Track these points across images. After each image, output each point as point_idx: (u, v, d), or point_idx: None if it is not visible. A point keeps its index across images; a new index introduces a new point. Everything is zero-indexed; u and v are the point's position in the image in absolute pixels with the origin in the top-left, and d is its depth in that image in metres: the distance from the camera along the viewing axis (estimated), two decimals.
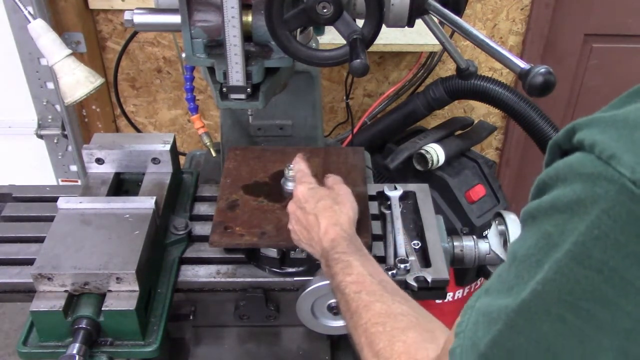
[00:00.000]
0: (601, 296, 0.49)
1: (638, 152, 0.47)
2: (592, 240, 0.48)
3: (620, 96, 0.57)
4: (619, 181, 0.47)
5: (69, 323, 0.95)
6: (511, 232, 1.11)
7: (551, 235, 0.52)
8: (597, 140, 0.50)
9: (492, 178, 2.04)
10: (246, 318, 1.14)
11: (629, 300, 0.48)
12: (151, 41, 2.24)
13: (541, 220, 0.54)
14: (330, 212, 0.99)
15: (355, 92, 2.40)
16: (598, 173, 0.48)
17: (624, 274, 0.47)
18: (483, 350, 0.55)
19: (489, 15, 2.24)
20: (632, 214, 0.46)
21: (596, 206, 0.48)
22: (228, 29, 0.90)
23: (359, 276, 0.86)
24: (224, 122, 1.36)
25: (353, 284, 0.85)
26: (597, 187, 0.48)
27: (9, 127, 2.37)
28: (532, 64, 0.75)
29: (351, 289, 0.84)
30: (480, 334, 0.56)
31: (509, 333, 0.53)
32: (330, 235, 0.95)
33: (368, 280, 0.85)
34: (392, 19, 0.91)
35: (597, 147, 0.49)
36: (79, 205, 1.08)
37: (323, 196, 1.02)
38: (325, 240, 0.95)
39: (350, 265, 0.88)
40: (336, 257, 0.91)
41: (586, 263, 0.49)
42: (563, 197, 0.52)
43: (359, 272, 0.86)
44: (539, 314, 0.52)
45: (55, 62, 1.14)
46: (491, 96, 2.00)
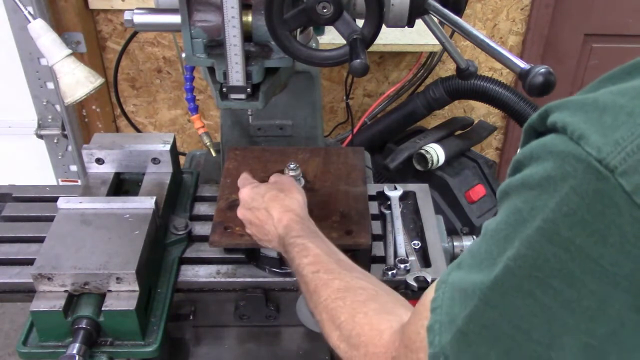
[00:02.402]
0: (568, 274, 0.49)
1: (605, 133, 0.48)
2: (560, 217, 0.49)
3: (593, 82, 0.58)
4: (586, 160, 0.48)
5: (69, 323, 0.95)
6: None
7: (521, 211, 0.53)
8: (567, 121, 0.51)
9: (492, 178, 2.04)
10: (246, 318, 1.14)
11: (593, 279, 0.48)
12: (151, 41, 2.24)
13: (512, 197, 0.55)
14: (279, 201, 0.99)
15: (355, 92, 2.40)
16: (568, 152, 0.49)
17: (589, 252, 0.48)
18: (460, 325, 0.56)
19: (489, 15, 2.24)
20: (598, 192, 0.47)
21: (565, 184, 0.49)
22: (228, 29, 0.90)
23: (316, 257, 0.86)
24: (224, 122, 1.36)
25: (310, 265, 0.85)
26: (566, 165, 0.49)
27: (9, 127, 2.37)
28: (532, 64, 0.75)
29: (309, 270, 0.84)
30: (457, 310, 0.57)
31: (484, 308, 0.54)
32: (283, 222, 0.95)
33: (325, 259, 0.85)
34: (392, 19, 0.91)
35: (568, 128, 0.50)
36: (79, 205, 1.08)
37: (267, 190, 1.02)
38: (279, 228, 0.95)
39: (306, 248, 0.88)
40: (291, 241, 0.91)
41: (554, 240, 0.49)
42: (534, 174, 0.52)
43: (315, 254, 0.87)
44: (512, 290, 0.52)
45: (55, 62, 1.14)
46: (491, 96, 2.00)
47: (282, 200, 0.99)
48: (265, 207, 0.99)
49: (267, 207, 0.99)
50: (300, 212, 0.98)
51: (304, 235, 0.92)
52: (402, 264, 1.08)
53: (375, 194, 1.26)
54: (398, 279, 1.07)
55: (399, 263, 1.09)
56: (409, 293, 1.07)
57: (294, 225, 0.94)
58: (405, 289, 1.07)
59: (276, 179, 1.08)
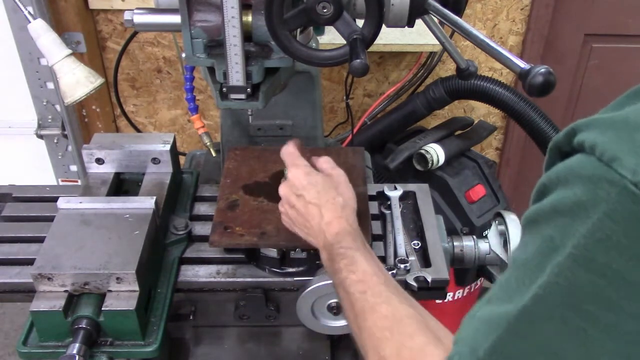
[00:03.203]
0: (605, 299, 0.48)
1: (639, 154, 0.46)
2: (594, 243, 0.48)
3: (620, 97, 0.57)
4: (620, 183, 0.46)
5: (69, 323, 0.95)
6: (511, 232, 1.11)
7: (552, 239, 0.52)
8: (597, 142, 0.49)
9: (492, 178, 2.04)
10: (246, 318, 1.14)
11: (632, 303, 0.48)
12: (151, 41, 2.24)
13: (542, 224, 0.54)
14: (334, 204, 0.95)
15: (355, 92, 2.40)
16: (599, 175, 0.48)
17: (627, 276, 0.47)
18: (482, 356, 0.54)
19: (489, 15, 2.24)
20: (635, 215, 0.46)
21: (598, 209, 0.48)
22: (228, 29, 0.90)
23: (364, 274, 0.83)
24: (224, 122, 1.36)
25: (358, 283, 0.82)
26: (598, 189, 0.48)
27: (9, 127, 2.37)
28: (532, 64, 0.75)
29: (356, 289, 0.81)
30: (480, 341, 0.55)
31: (510, 339, 0.53)
32: (334, 229, 0.92)
33: (374, 280, 0.82)
34: (392, 19, 0.91)
35: (597, 149, 0.49)
36: (79, 205, 1.08)
37: (323, 185, 0.97)
38: (328, 233, 0.92)
39: (354, 262, 0.85)
40: (341, 252, 0.88)
41: (589, 266, 0.48)
42: (564, 199, 0.51)
43: (364, 270, 0.84)
44: (542, 318, 0.51)
45: (55, 62, 1.14)
46: (491, 96, 2.00)
47: (337, 204, 0.95)
48: (317, 204, 0.95)
49: (320, 204, 0.95)
50: (352, 219, 0.95)
51: (354, 248, 0.88)
52: (402, 264, 1.08)
53: (375, 194, 1.26)
54: (398, 279, 1.07)
55: (399, 263, 1.09)
56: (409, 293, 1.07)
57: (345, 235, 0.91)
58: (405, 289, 1.07)
59: (332, 171, 1.02)
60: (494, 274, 1.18)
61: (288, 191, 1.00)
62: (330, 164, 1.04)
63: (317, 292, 1.03)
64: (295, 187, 0.98)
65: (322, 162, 1.04)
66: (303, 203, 0.96)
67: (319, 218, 0.94)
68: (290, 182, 0.99)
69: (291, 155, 1.03)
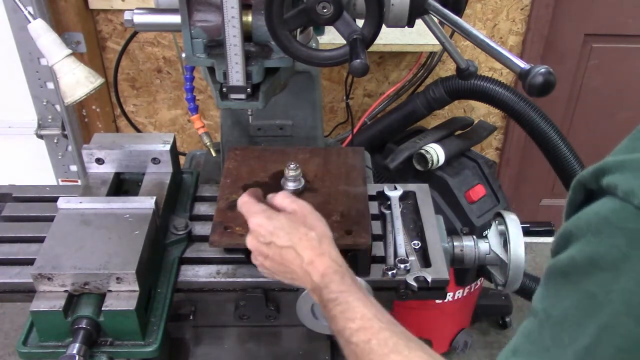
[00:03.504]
0: None
1: None
2: None
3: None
4: None
5: (69, 323, 0.95)
6: (511, 232, 1.11)
7: (595, 296, 0.49)
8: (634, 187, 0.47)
9: (492, 178, 2.04)
10: (246, 318, 1.14)
11: None
12: (151, 41, 2.24)
13: (579, 279, 0.51)
14: (309, 240, 0.87)
15: (355, 92, 2.40)
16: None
17: None
18: None
19: (489, 15, 2.24)
20: None
21: None
22: (228, 29, 0.90)
23: (364, 320, 0.77)
24: (224, 122, 1.36)
25: (359, 332, 0.76)
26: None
27: (9, 127, 2.37)
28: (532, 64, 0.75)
29: (359, 338, 0.75)
30: None
31: None
32: (319, 269, 0.85)
33: (376, 325, 0.76)
34: (392, 19, 0.91)
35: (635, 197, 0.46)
36: (79, 205, 1.08)
37: (290, 224, 0.90)
38: (314, 275, 0.85)
39: (350, 308, 0.79)
40: (332, 297, 0.81)
41: None
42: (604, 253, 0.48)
43: (363, 316, 0.77)
44: None
45: (55, 62, 1.14)
46: (491, 96, 2.00)
47: (312, 240, 0.87)
48: (292, 246, 0.87)
49: (294, 246, 0.87)
50: (334, 254, 0.87)
51: (346, 291, 0.81)
52: (402, 264, 1.08)
53: (375, 194, 1.26)
54: (398, 279, 1.07)
55: (399, 263, 1.09)
56: (409, 293, 1.08)
57: (333, 275, 0.84)
58: (405, 289, 1.07)
59: (293, 206, 0.93)
60: (494, 274, 1.17)
61: (256, 243, 0.92)
62: (289, 199, 0.95)
63: None
64: (262, 236, 0.91)
65: (280, 199, 0.95)
66: (276, 250, 0.89)
67: (299, 260, 0.87)
68: (255, 232, 0.92)
69: (246, 204, 0.95)
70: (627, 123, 1.09)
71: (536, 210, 2.85)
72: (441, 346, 2.28)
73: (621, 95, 2.45)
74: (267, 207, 0.94)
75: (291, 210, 0.93)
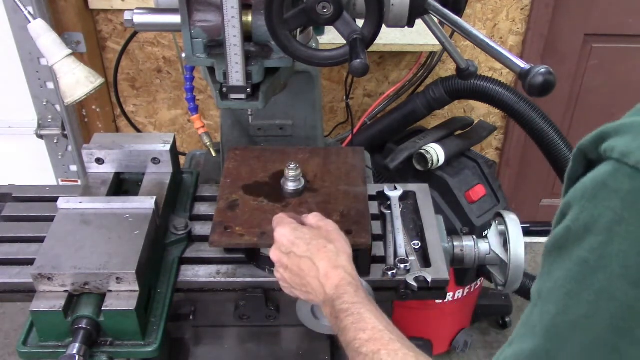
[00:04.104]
0: None
1: None
2: None
3: None
4: None
5: (69, 323, 0.95)
6: (511, 232, 1.11)
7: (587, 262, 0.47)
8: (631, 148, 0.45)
9: (492, 178, 2.04)
10: (246, 318, 1.14)
11: None
12: (151, 41, 2.24)
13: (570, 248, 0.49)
14: (327, 252, 0.89)
15: (355, 92, 2.40)
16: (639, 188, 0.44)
17: None
18: None
19: (489, 15, 2.24)
20: None
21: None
22: (228, 29, 0.90)
23: (375, 332, 0.77)
24: (224, 122, 1.36)
25: (370, 343, 0.76)
26: None
27: (9, 127, 2.37)
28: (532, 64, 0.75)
29: (369, 348, 0.75)
30: None
31: None
32: (333, 281, 0.86)
33: (386, 337, 0.76)
34: (392, 19, 0.91)
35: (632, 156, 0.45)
36: (79, 205, 1.08)
37: (312, 236, 0.92)
38: (328, 287, 0.86)
39: (362, 319, 0.79)
40: (345, 307, 0.82)
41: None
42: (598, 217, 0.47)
43: (374, 327, 0.78)
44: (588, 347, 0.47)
45: (55, 62, 1.14)
46: (491, 96, 2.00)
47: (330, 252, 0.89)
48: (309, 257, 0.89)
49: (312, 256, 0.89)
50: (351, 270, 0.88)
51: (359, 302, 0.82)
52: (402, 264, 1.08)
53: (375, 194, 1.26)
54: (398, 279, 1.07)
55: (399, 263, 1.09)
56: (409, 293, 1.08)
57: (347, 287, 0.85)
58: (405, 289, 1.07)
59: (320, 223, 0.96)
60: (494, 274, 1.17)
61: (278, 253, 0.94)
62: (317, 218, 0.98)
63: None
64: (284, 246, 0.93)
65: (310, 218, 0.99)
66: (295, 260, 0.91)
67: (315, 271, 0.88)
68: (278, 243, 0.94)
69: (278, 218, 0.99)
70: None
71: (536, 210, 2.85)
72: (441, 346, 2.28)
73: (621, 95, 2.45)
74: (294, 222, 0.97)
75: (316, 227, 0.96)
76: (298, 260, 0.91)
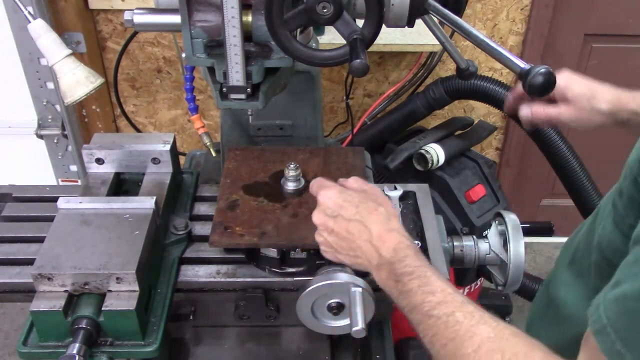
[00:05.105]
0: None
1: None
2: None
3: None
4: None
5: (69, 323, 0.95)
6: (511, 232, 1.11)
7: None
8: None
9: (492, 178, 2.04)
10: (246, 318, 1.14)
11: None
12: (151, 41, 2.25)
13: None
14: (378, 215, 0.86)
15: (355, 92, 2.40)
16: None
17: None
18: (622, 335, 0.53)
19: (489, 15, 2.24)
20: None
21: None
22: (228, 29, 0.90)
23: (445, 294, 0.74)
24: (224, 122, 1.36)
25: (441, 305, 0.73)
26: None
27: (9, 127, 2.38)
28: (532, 64, 0.75)
29: (441, 311, 0.73)
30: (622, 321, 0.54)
31: None
32: (389, 244, 0.83)
33: (457, 299, 0.73)
34: (392, 19, 0.91)
35: None
36: (79, 205, 1.08)
37: (360, 199, 0.89)
38: (384, 250, 0.83)
39: (429, 282, 0.76)
40: (408, 270, 0.79)
41: None
42: None
43: (442, 289, 0.75)
44: None
45: (55, 62, 1.14)
46: (491, 96, 2.00)
47: (381, 215, 0.86)
48: (359, 220, 0.86)
49: (362, 219, 0.86)
50: (404, 232, 0.86)
51: (423, 265, 0.79)
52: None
53: None
54: None
55: None
56: None
57: (407, 250, 0.82)
58: None
59: (364, 186, 0.94)
60: (494, 274, 1.17)
61: (322, 216, 0.90)
62: (360, 181, 0.96)
63: (317, 292, 1.03)
64: (330, 209, 0.89)
65: (352, 182, 0.96)
66: (342, 223, 0.88)
67: (367, 234, 0.86)
68: (323, 206, 0.90)
69: (318, 181, 0.96)
70: None
71: (536, 210, 2.85)
72: None
73: None
74: (337, 185, 0.94)
75: (361, 190, 0.93)
76: (346, 224, 0.87)
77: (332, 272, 1.03)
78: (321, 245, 0.94)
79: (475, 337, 0.69)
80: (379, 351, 1.27)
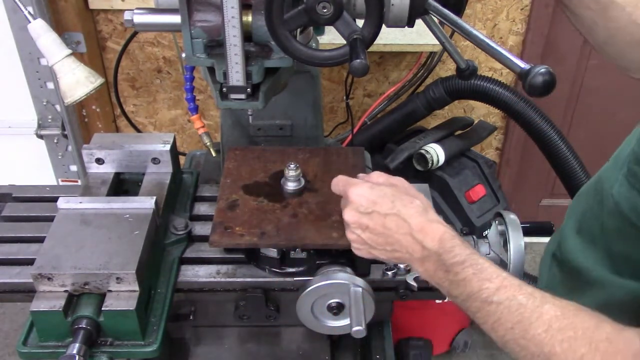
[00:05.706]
0: None
1: None
2: None
3: None
4: None
5: (69, 323, 0.95)
6: (511, 232, 1.11)
7: None
8: None
9: (492, 178, 2.04)
10: (246, 318, 1.14)
11: None
12: (151, 41, 2.25)
13: None
14: (415, 207, 0.85)
15: (355, 92, 2.40)
16: None
17: None
18: None
19: (489, 15, 2.24)
20: None
21: None
22: (228, 29, 0.90)
23: (502, 279, 0.74)
24: (224, 122, 1.36)
25: (501, 290, 0.73)
26: None
27: (9, 127, 2.38)
28: (532, 64, 0.75)
29: (502, 296, 0.72)
30: None
31: None
32: (433, 235, 0.82)
33: (515, 282, 0.73)
34: (392, 19, 0.91)
35: None
36: (79, 205, 1.08)
37: (394, 193, 0.87)
38: (428, 241, 0.82)
39: (484, 269, 0.75)
40: (459, 259, 0.78)
41: None
42: None
43: (498, 275, 0.74)
44: None
45: (55, 62, 1.14)
46: (491, 96, 2.00)
47: (418, 207, 0.85)
48: (396, 214, 0.85)
49: (399, 213, 0.84)
50: (445, 223, 0.85)
51: (473, 253, 0.78)
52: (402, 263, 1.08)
53: None
54: (398, 279, 1.07)
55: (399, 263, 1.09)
56: (409, 293, 1.08)
57: (453, 240, 0.81)
58: (405, 289, 1.07)
59: (392, 180, 0.92)
60: None
61: (355, 214, 0.88)
62: (385, 176, 0.94)
63: (317, 292, 1.03)
64: (363, 206, 0.87)
65: (376, 176, 0.94)
66: (378, 219, 0.86)
67: (405, 227, 0.84)
68: (356, 204, 0.88)
69: (343, 179, 0.94)
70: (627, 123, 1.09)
71: (536, 210, 2.85)
72: (441, 346, 2.28)
73: (621, 95, 2.44)
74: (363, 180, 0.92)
75: (389, 184, 0.92)
76: (382, 219, 0.86)
77: (332, 272, 1.03)
78: (353, 242, 0.92)
79: (543, 317, 0.69)
80: (379, 351, 1.27)
